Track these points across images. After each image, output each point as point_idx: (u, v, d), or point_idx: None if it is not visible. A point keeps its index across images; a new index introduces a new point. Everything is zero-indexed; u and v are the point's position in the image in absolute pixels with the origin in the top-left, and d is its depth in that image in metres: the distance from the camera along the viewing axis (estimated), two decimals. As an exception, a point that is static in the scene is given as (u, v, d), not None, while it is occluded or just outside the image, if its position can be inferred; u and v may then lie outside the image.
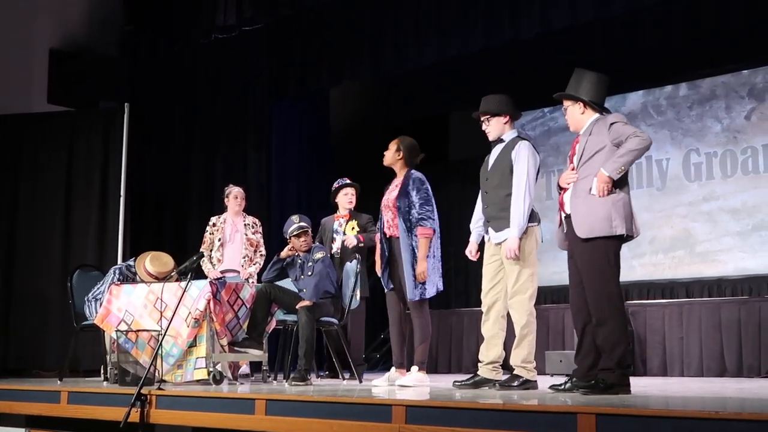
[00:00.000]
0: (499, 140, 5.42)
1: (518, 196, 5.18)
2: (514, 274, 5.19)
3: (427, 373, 5.84)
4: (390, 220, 5.90)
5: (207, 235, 7.51)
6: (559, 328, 8.57)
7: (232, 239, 7.45)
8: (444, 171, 10.88)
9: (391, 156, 5.97)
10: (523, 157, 5.24)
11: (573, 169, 4.74)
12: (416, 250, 5.72)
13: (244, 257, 7.42)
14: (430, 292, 5.77)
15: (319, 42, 9.24)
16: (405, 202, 5.80)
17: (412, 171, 5.94)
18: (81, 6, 9.68)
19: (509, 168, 5.26)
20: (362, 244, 7.14)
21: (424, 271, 5.69)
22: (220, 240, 7.43)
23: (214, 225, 7.52)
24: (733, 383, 6.38)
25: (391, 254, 5.90)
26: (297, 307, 6.11)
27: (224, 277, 6.74)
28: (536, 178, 5.32)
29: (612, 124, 4.62)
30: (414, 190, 5.81)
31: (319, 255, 6.35)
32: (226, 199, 7.60)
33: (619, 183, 4.58)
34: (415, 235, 5.74)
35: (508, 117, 5.42)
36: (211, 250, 7.44)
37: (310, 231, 6.48)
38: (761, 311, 7.59)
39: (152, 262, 6.51)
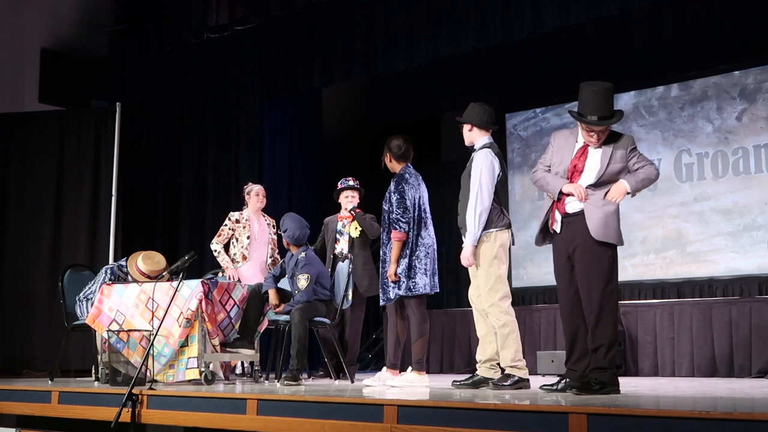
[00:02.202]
0: (473, 149, 5.47)
1: (470, 206, 5.27)
2: (483, 279, 5.27)
3: (427, 372, 5.87)
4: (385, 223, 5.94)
5: (225, 229, 7.40)
6: (550, 328, 8.57)
7: (261, 238, 7.41)
8: (436, 172, 10.86)
9: (387, 162, 6.02)
10: (475, 166, 5.32)
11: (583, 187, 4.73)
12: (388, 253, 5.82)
13: (270, 257, 7.42)
14: (396, 292, 5.77)
15: (310, 42, 9.24)
16: (388, 203, 5.86)
17: (402, 169, 5.97)
18: (72, 6, 9.67)
19: (470, 176, 5.32)
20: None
21: (393, 274, 5.75)
22: (248, 237, 7.37)
23: (237, 221, 7.41)
24: (724, 383, 6.39)
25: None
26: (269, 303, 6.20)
27: (215, 277, 6.73)
28: (494, 183, 5.30)
29: (634, 148, 4.78)
30: (392, 190, 5.88)
31: (303, 281, 6.23)
32: (247, 197, 7.54)
33: None
34: (389, 238, 5.84)
35: (471, 126, 5.44)
36: (226, 245, 7.41)
37: (286, 240, 6.45)
38: (752, 311, 7.61)
39: (144, 260, 6.50)
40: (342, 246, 7.24)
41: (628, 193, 4.68)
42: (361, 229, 7.15)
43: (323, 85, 9.69)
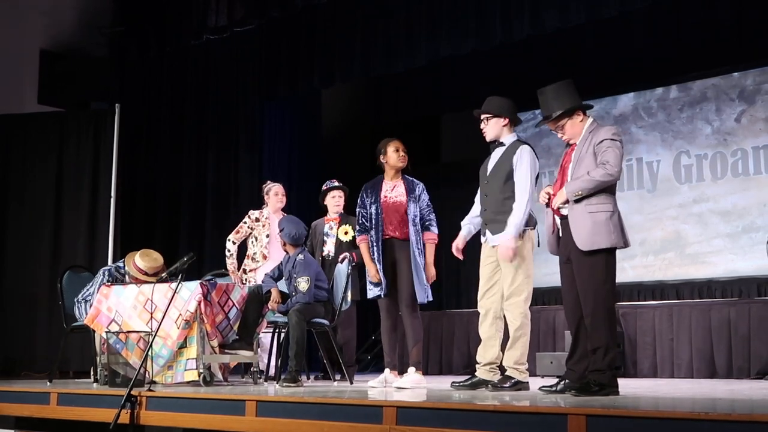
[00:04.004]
0: (499, 143, 5.43)
1: (521, 201, 5.21)
2: (510, 276, 5.21)
3: (424, 374, 5.89)
4: (396, 222, 5.92)
5: (244, 226, 7.37)
6: (550, 329, 8.57)
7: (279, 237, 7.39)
8: (435, 173, 10.87)
9: (406, 158, 6.02)
10: (525, 163, 5.27)
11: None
12: (424, 255, 5.85)
13: None
14: (430, 295, 5.88)
15: (310, 43, 9.24)
16: (415, 206, 5.88)
17: (406, 175, 6.05)
18: (71, 7, 9.67)
19: (509, 172, 5.28)
20: (354, 263, 6.84)
21: (434, 275, 5.87)
22: (268, 236, 7.33)
23: (257, 220, 7.38)
24: (723, 385, 6.40)
25: (390, 256, 5.92)
26: (269, 306, 6.20)
27: (214, 279, 6.72)
28: (535, 183, 5.34)
29: (603, 140, 4.66)
30: (423, 194, 5.96)
31: (303, 285, 6.19)
32: (266, 196, 7.50)
33: (610, 197, 4.66)
34: (422, 240, 5.86)
35: (507, 120, 5.43)
36: (244, 244, 7.37)
37: (284, 240, 6.45)
38: (751, 313, 7.61)
39: (142, 257, 6.49)
40: (329, 249, 7.25)
41: (567, 201, 4.64)
42: (350, 233, 7.19)
43: (323, 86, 9.70)
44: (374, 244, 5.93)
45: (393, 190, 5.99)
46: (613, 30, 9.29)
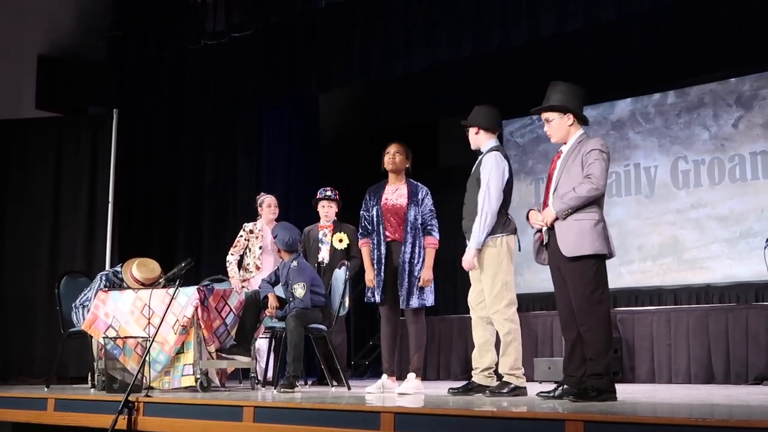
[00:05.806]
0: (480, 152, 5.46)
1: (482, 211, 5.21)
2: (489, 285, 5.24)
3: (422, 379, 5.91)
4: (397, 226, 5.92)
5: (241, 240, 7.40)
6: (547, 335, 8.57)
7: (273, 248, 7.40)
8: (433, 178, 10.83)
9: (402, 162, 6.02)
10: (486, 169, 5.29)
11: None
12: (423, 258, 5.85)
13: None
14: (430, 300, 5.87)
15: (308, 48, 9.23)
16: (415, 210, 5.89)
17: (410, 179, 6.06)
18: (70, 12, 9.68)
19: (479, 180, 5.30)
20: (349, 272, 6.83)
21: (430, 279, 5.84)
22: (261, 248, 7.36)
23: (251, 232, 7.41)
24: (720, 390, 6.39)
25: (390, 260, 5.91)
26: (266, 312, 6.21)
27: (212, 284, 6.72)
28: (503, 186, 5.28)
29: (591, 150, 4.67)
30: (426, 198, 5.97)
31: (300, 291, 6.21)
32: (259, 208, 7.53)
33: (596, 208, 4.66)
34: (422, 246, 5.86)
35: (477, 129, 5.44)
36: (241, 256, 7.41)
37: (278, 246, 6.46)
38: (748, 318, 7.61)
39: (139, 268, 6.48)
40: (323, 255, 7.26)
41: (557, 218, 4.66)
42: (344, 240, 7.19)
43: (321, 91, 9.71)
44: (375, 247, 5.94)
45: (395, 193, 6.00)
46: (611, 34, 9.30)
